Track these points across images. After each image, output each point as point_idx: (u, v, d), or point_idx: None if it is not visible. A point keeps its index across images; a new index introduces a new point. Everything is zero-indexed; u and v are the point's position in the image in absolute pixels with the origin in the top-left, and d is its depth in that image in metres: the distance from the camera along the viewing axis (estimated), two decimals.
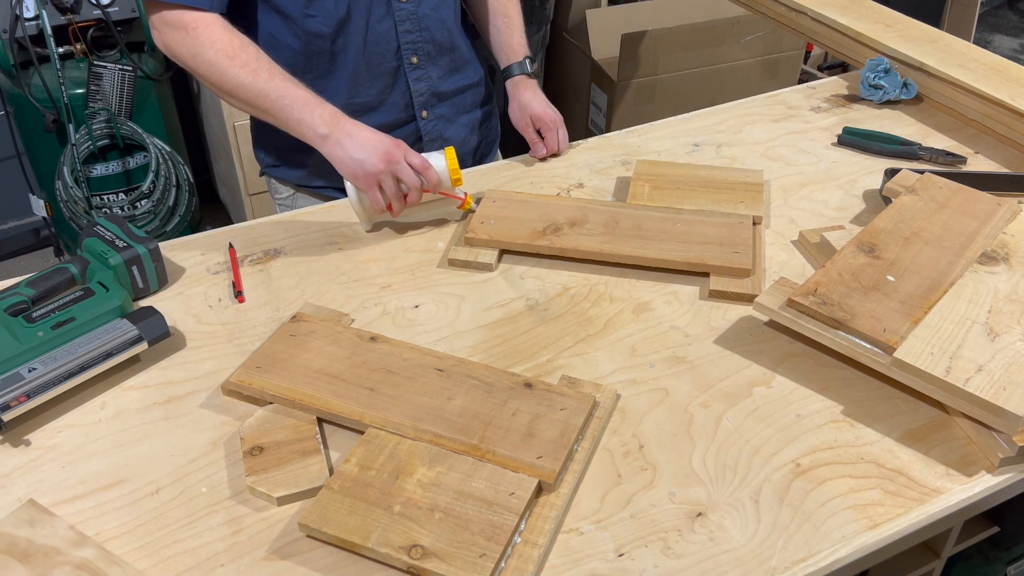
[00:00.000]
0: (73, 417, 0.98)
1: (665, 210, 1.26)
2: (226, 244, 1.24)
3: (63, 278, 1.09)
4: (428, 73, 1.40)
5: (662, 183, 1.33)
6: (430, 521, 0.83)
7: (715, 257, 1.17)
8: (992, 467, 0.92)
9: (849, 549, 0.84)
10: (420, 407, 0.95)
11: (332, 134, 1.18)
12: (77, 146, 2.33)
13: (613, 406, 0.98)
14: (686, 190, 1.32)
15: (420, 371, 1.00)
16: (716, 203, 1.29)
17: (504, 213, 1.26)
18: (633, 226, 1.23)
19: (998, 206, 1.19)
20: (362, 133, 1.19)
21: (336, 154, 1.19)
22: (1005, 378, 0.93)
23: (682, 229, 1.22)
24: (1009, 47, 4.26)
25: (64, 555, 0.81)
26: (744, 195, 1.30)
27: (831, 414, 0.98)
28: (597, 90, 2.88)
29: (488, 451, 0.90)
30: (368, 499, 0.85)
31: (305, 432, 0.94)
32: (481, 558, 0.79)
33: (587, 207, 1.27)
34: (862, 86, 1.59)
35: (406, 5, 1.32)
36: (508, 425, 0.93)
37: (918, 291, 1.04)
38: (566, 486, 0.88)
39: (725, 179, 1.34)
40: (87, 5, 2.32)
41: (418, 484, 0.87)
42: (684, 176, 1.35)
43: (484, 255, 1.20)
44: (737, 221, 1.23)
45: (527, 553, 0.81)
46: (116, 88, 2.36)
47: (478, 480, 0.87)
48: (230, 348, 1.07)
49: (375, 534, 0.82)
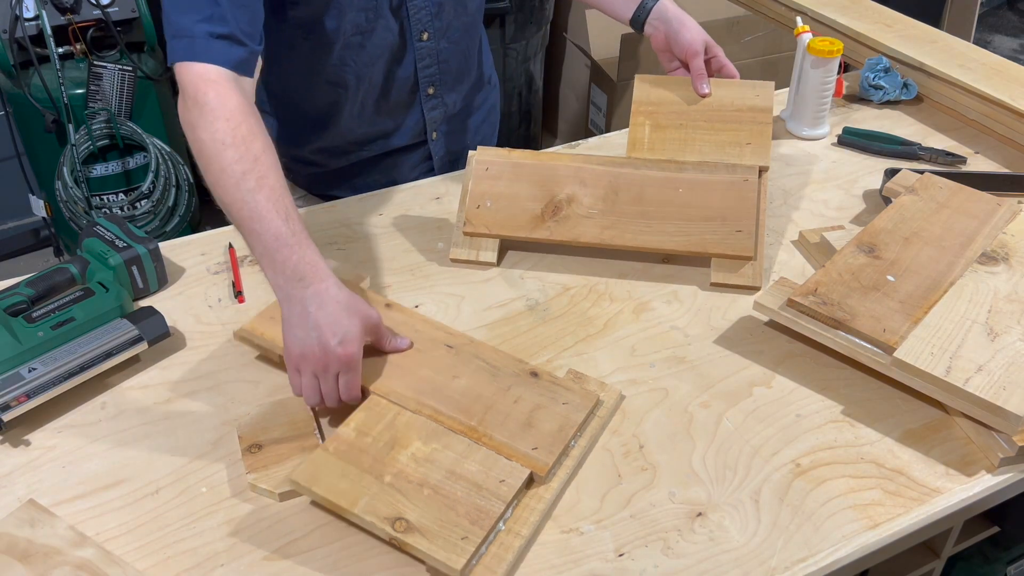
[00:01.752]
0: (73, 417, 0.98)
1: (666, 166, 1.21)
2: (226, 244, 1.24)
3: (63, 278, 1.09)
4: (443, 101, 1.38)
5: (663, 118, 1.26)
6: (418, 496, 0.83)
7: (716, 242, 1.16)
8: (992, 467, 0.92)
9: (849, 549, 0.84)
10: (425, 381, 0.96)
11: (288, 290, 0.94)
12: (77, 146, 2.33)
13: (616, 406, 0.98)
14: (689, 129, 1.25)
15: (430, 344, 1.00)
16: (720, 148, 1.23)
17: (499, 189, 1.21)
18: (634, 197, 1.19)
19: (998, 206, 1.19)
20: (316, 310, 0.92)
21: (283, 311, 0.95)
22: (1005, 378, 0.93)
23: (684, 199, 1.18)
24: (1009, 47, 4.26)
25: (64, 555, 0.81)
26: (751, 131, 1.25)
27: (831, 414, 0.98)
28: (597, 90, 2.88)
29: (485, 435, 0.90)
30: (361, 465, 0.86)
31: (303, 428, 0.94)
32: (463, 540, 0.79)
33: (584, 170, 1.22)
34: (862, 86, 1.59)
35: (427, 43, 1.29)
36: (509, 411, 0.93)
37: (918, 291, 1.04)
38: (557, 481, 0.88)
39: (732, 103, 1.27)
40: (87, 5, 2.32)
41: (412, 458, 0.87)
42: (687, 105, 1.27)
43: (485, 252, 1.20)
44: (742, 180, 1.19)
45: (509, 542, 0.81)
46: (116, 88, 2.36)
47: (471, 462, 0.87)
48: (230, 348, 1.07)
49: (363, 501, 0.82)
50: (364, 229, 1.28)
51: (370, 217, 1.30)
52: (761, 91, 1.28)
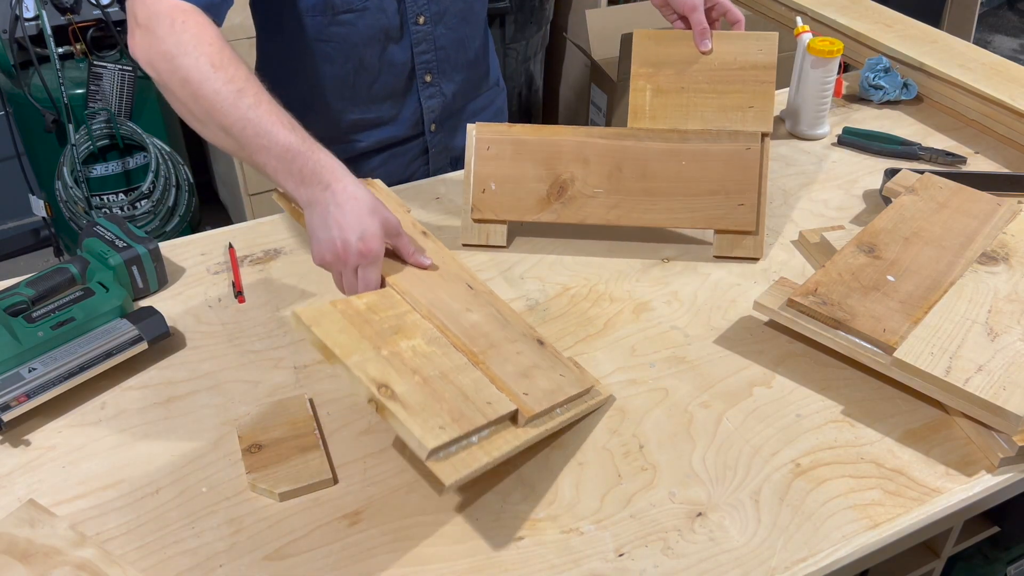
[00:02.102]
0: (73, 417, 0.98)
1: (669, 136, 1.21)
2: (226, 244, 1.24)
3: (63, 278, 1.09)
4: (442, 90, 1.38)
5: (664, 81, 1.24)
6: (408, 379, 0.82)
7: (720, 217, 1.19)
8: (992, 467, 0.92)
9: (849, 549, 0.84)
10: (440, 300, 0.96)
11: (308, 195, 0.96)
12: (77, 146, 2.33)
13: (606, 404, 0.98)
14: (690, 92, 1.23)
15: (453, 278, 1.02)
16: (722, 112, 1.22)
17: (503, 171, 1.21)
18: (638, 173, 1.20)
19: (998, 206, 1.19)
20: (336, 210, 0.94)
21: (306, 218, 0.98)
22: (1005, 378, 0.93)
23: (687, 172, 1.20)
24: (1009, 47, 4.26)
25: (64, 555, 0.81)
26: (753, 93, 1.23)
27: (831, 414, 0.98)
28: (597, 90, 2.88)
29: (484, 364, 0.90)
30: (363, 332, 0.85)
31: (303, 428, 0.94)
32: (440, 429, 0.78)
33: (587, 145, 1.22)
34: (862, 86, 1.59)
35: (423, 27, 1.29)
36: (509, 357, 0.93)
37: (918, 291, 1.04)
38: (534, 432, 0.88)
39: (734, 60, 1.24)
40: (87, 5, 2.32)
41: (411, 349, 0.87)
42: (688, 64, 1.24)
43: (495, 236, 1.22)
44: (744, 148, 1.20)
45: (476, 456, 0.80)
46: (116, 88, 2.36)
47: (465, 377, 0.87)
48: (230, 348, 1.07)
49: (356, 357, 0.81)
50: None
51: None
52: (764, 44, 1.25)
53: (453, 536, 0.85)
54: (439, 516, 0.87)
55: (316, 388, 1.01)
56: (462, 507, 0.88)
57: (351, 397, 1.00)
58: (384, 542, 0.84)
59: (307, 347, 1.06)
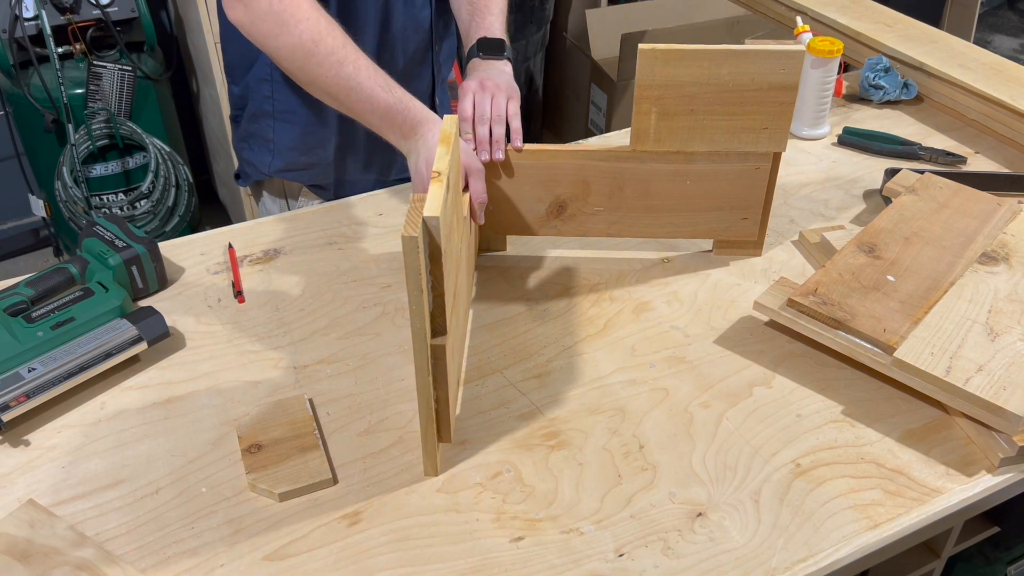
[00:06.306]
0: (73, 417, 0.98)
1: (673, 158, 1.14)
2: (226, 244, 1.24)
3: (63, 278, 1.09)
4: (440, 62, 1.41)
5: (671, 104, 1.11)
6: None
7: (722, 230, 1.20)
8: (992, 467, 0.92)
9: (849, 549, 0.84)
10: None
11: (408, 145, 1.14)
12: (76, 146, 2.33)
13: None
14: (700, 115, 1.11)
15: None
16: (734, 133, 1.12)
17: (500, 192, 1.18)
18: (639, 192, 1.17)
19: (998, 206, 1.19)
20: (427, 151, 1.12)
21: (409, 164, 1.16)
22: (1005, 378, 0.93)
23: (691, 191, 1.16)
24: (1009, 47, 4.26)
25: (64, 555, 0.81)
26: (770, 114, 1.11)
27: (831, 414, 0.98)
28: (597, 90, 2.88)
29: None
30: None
31: (302, 428, 0.94)
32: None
33: (586, 168, 1.16)
34: (862, 86, 1.59)
35: None
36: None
37: (918, 291, 1.04)
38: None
39: (752, 81, 1.09)
40: (87, 5, 2.32)
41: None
42: (699, 85, 1.09)
43: (495, 242, 1.24)
44: (754, 168, 1.14)
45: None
46: (115, 88, 2.36)
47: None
48: (230, 348, 1.07)
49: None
50: (364, 229, 1.28)
51: (370, 217, 1.30)
52: (788, 63, 1.08)
53: (453, 536, 0.85)
54: (439, 516, 0.87)
55: (316, 388, 1.01)
56: (462, 507, 0.88)
57: (351, 397, 1.00)
58: (384, 542, 0.84)
59: (307, 347, 1.06)
